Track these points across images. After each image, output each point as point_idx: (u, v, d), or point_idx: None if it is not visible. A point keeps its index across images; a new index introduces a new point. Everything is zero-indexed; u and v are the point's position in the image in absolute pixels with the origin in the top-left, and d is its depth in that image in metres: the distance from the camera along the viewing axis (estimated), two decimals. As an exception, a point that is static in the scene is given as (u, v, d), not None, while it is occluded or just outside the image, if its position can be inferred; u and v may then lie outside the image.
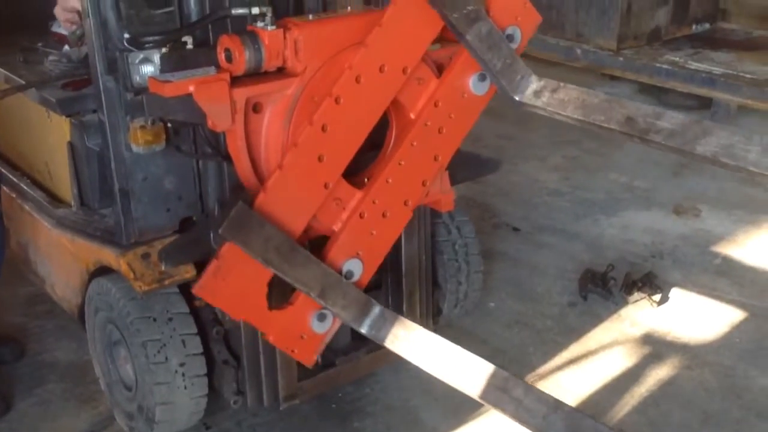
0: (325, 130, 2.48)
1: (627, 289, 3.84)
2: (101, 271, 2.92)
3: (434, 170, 2.77)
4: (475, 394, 2.42)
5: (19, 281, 3.80)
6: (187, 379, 2.81)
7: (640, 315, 3.78)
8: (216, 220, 2.45)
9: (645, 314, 3.78)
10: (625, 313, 3.79)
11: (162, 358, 2.77)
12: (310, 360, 2.70)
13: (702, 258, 4.23)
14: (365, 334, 2.64)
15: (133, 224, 2.74)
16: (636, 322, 3.73)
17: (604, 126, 2.31)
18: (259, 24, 2.41)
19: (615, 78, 6.57)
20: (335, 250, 2.63)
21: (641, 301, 3.83)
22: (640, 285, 3.85)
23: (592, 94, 2.38)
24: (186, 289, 2.80)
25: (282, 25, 2.43)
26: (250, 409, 3.01)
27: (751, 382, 3.34)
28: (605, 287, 3.86)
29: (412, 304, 3.16)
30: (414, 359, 2.55)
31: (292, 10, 2.74)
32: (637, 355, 3.52)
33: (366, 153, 2.68)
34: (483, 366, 2.45)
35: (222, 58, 2.40)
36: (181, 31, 2.53)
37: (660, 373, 3.40)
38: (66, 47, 3.16)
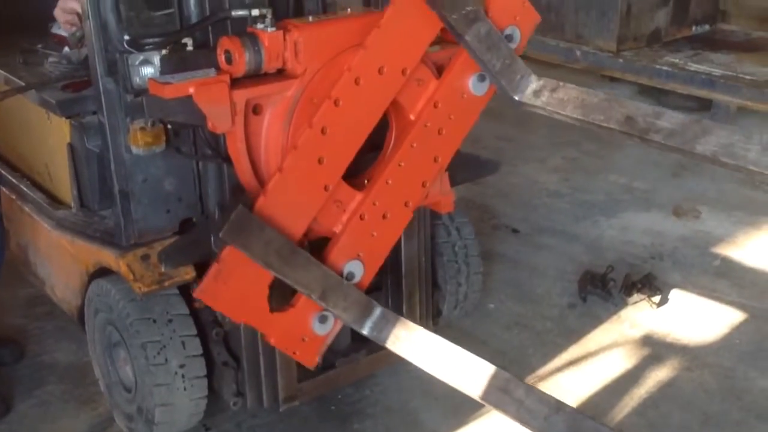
0: (324, 133, 2.48)
1: (627, 290, 3.84)
2: (101, 272, 2.92)
3: (434, 171, 2.77)
4: (476, 395, 2.42)
5: (19, 283, 3.80)
6: (187, 380, 2.81)
7: (639, 316, 3.77)
8: (216, 224, 2.45)
9: (645, 316, 3.78)
10: (624, 314, 3.79)
11: (162, 359, 2.77)
12: (312, 362, 2.69)
13: (702, 259, 4.23)
14: (367, 335, 2.64)
15: (133, 226, 2.74)
16: (636, 324, 3.73)
17: (603, 125, 2.30)
18: (259, 26, 2.41)
19: (615, 79, 6.56)
20: (336, 251, 2.63)
21: (641, 303, 3.83)
22: (640, 286, 3.85)
23: (591, 93, 2.38)
24: (186, 291, 2.81)
25: (282, 27, 2.43)
26: (249, 410, 3.01)
27: (750, 384, 3.34)
28: (605, 289, 3.86)
29: (411, 306, 3.16)
30: (415, 360, 2.55)
31: (291, 11, 2.74)
32: (636, 356, 3.52)
33: (366, 154, 2.68)
34: (484, 367, 2.45)
35: (222, 59, 2.40)
36: (181, 32, 2.53)
37: (660, 374, 3.40)
38: (66, 49, 3.16)
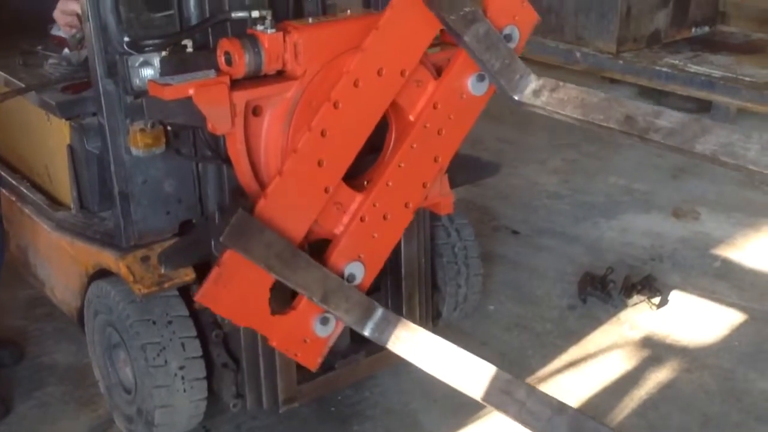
0: (324, 135, 2.48)
1: (626, 292, 3.84)
2: (101, 273, 2.92)
3: (434, 172, 2.77)
4: (478, 396, 2.42)
5: (19, 284, 3.80)
6: (187, 382, 2.80)
7: (639, 318, 3.77)
8: (217, 228, 2.45)
9: (644, 317, 3.78)
10: (624, 316, 3.79)
11: (161, 361, 2.77)
12: (314, 364, 2.69)
13: (701, 261, 4.23)
14: (368, 336, 2.64)
15: (133, 227, 2.74)
16: (635, 325, 3.73)
17: (603, 125, 2.30)
18: (259, 27, 2.41)
19: (615, 81, 6.56)
20: (337, 253, 2.63)
21: (640, 304, 3.83)
22: (640, 288, 3.84)
23: (591, 93, 2.38)
24: (185, 292, 2.81)
25: (282, 29, 2.42)
26: (249, 412, 3.01)
27: (750, 386, 3.34)
28: (604, 290, 3.86)
29: (411, 307, 3.16)
30: (418, 362, 2.55)
31: (291, 13, 2.74)
32: (636, 358, 3.52)
33: (366, 156, 2.68)
34: (486, 368, 2.45)
35: (222, 61, 2.40)
36: (181, 34, 2.53)
37: (659, 376, 3.40)
38: (66, 50, 3.16)
